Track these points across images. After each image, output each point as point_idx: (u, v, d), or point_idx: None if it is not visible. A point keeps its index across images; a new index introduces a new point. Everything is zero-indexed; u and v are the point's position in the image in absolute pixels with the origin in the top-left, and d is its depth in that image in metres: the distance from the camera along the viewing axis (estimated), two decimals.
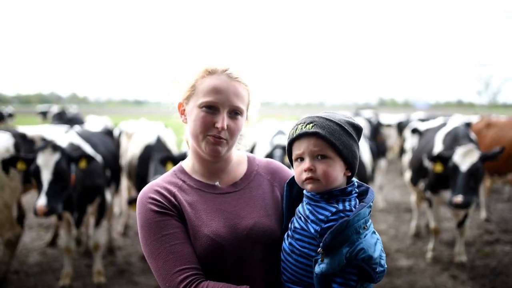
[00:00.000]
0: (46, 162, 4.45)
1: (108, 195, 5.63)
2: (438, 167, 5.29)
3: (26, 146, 5.59)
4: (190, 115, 1.63)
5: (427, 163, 5.93)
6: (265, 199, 1.70)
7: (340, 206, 1.50)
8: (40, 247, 6.59)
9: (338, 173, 1.53)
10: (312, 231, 1.49)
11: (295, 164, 1.59)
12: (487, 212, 8.20)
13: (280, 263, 1.61)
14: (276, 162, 1.87)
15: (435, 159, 5.41)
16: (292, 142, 1.58)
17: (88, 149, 5.26)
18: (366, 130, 8.75)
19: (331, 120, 1.54)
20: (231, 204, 1.65)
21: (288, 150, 1.62)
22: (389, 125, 11.32)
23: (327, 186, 1.53)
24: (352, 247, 1.41)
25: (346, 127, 1.55)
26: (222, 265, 1.57)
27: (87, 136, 5.61)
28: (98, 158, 5.28)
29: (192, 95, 1.63)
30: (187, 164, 1.75)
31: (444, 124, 6.60)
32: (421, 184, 6.29)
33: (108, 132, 6.91)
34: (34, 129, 6.26)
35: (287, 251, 1.56)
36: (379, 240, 1.53)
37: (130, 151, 6.40)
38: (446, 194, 5.68)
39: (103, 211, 5.43)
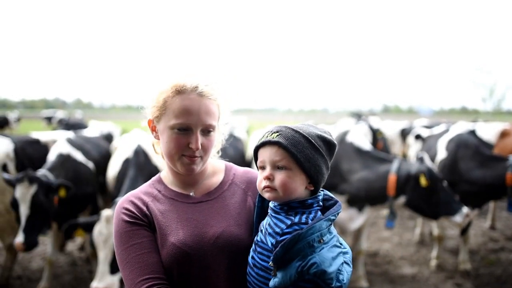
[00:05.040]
0: (23, 196, 4.25)
1: (100, 202, 5.56)
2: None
3: (31, 151, 5.59)
4: (162, 135, 1.63)
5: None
6: (237, 208, 1.69)
7: (296, 219, 1.46)
8: (43, 252, 6.58)
9: (297, 185, 1.50)
10: (269, 244, 1.46)
11: (259, 171, 1.57)
12: (492, 220, 8.14)
13: (246, 273, 1.58)
14: (253, 171, 1.84)
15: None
16: (257, 149, 1.57)
17: (79, 156, 5.16)
18: (369, 136, 8.74)
19: (298, 132, 1.51)
20: (202, 213, 1.65)
21: (254, 157, 1.60)
22: (380, 133, 11.03)
23: (284, 197, 1.49)
24: (304, 261, 1.37)
25: (313, 141, 1.50)
26: (187, 274, 1.56)
27: (79, 143, 5.47)
28: (90, 165, 5.20)
29: (163, 115, 1.61)
30: (164, 175, 1.77)
31: (446, 131, 6.58)
32: None
33: (107, 137, 6.85)
34: (47, 135, 6.25)
35: (250, 265, 1.53)
36: (346, 254, 1.50)
37: (112, 166, 5.44)
38: None
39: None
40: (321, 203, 1.55)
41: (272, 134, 1.52)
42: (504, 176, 5.14)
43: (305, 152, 1.48)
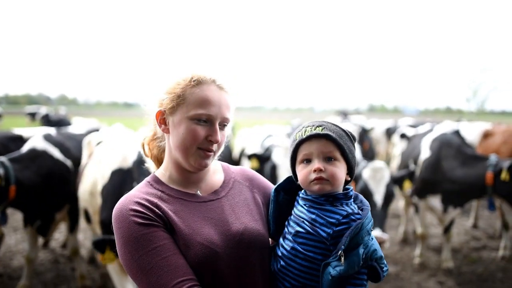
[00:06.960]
0: None
1: None
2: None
3: (14, 148, 5.49)
4: (178, 127, 1.56)
5: (413, 168, 5.96)
6: (249, 205, 1.69)
7: (349, 209, 1.54)
8: (24, 250, 6.47)
9: (343, 175, 1.59)
10: (324, 234, 1.49)
11: (300, 166, 1.61)
12: (474, 219, 8.25)
13: (271, 267, 1.61)
14: (249, 170, 1.87)
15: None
16: (300, 143, 1.60)
17: (56, 153, 4.97)
18: (356, 134, 8.78)
19: (337, 126, 1.62)
20: (216, 211, 1.61)
21: (293, 152, 1.63)
22: (370, 131, 11.13)
23: (333, 188, 1.56)
24: (367, 248, 1.47)
25: (349, 134, 1.64)
26: (219, 273, 1.50)
27: (58, 140, 5.22)
28: (68, 163, 5.05)
29: (180, 106, 1.56)
30: (162, 174, 1.67)
31: (431, 130, 6.64)
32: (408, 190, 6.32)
33: None
34: (30, 131, 6.10)
35: (287, 256, 1.54)
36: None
37: (89, 177, 4.21)
38: (433, 200, 5.71)
39: (75, 217, 5.23)
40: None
41: (316, 128, 1.58)
42: (484, 175, 5.19)
43: (347, 144, 1.60)
